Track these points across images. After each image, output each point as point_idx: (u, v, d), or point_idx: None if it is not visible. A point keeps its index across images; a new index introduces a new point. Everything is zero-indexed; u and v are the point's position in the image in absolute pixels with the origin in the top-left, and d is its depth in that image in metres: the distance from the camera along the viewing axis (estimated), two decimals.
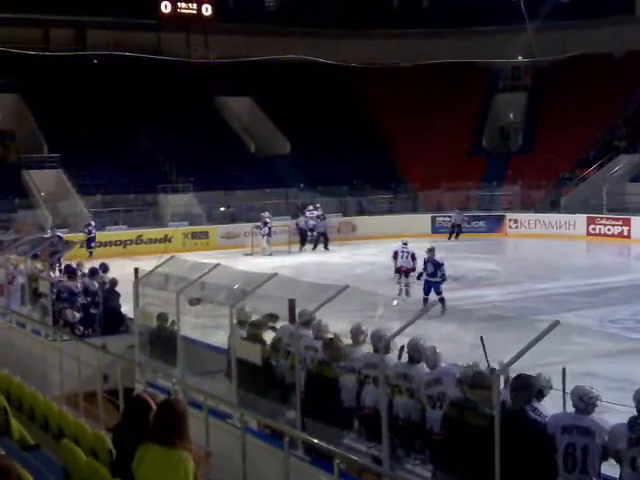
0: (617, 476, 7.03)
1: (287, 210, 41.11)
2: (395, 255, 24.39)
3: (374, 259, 30.85)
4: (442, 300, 19.58)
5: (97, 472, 6.59)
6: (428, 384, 8.35)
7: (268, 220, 35.74)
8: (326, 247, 36.48)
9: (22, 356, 14.28)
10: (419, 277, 21.89)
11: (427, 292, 20.92)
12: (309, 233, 37.94)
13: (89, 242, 34.00)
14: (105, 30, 47.22)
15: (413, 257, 23.79)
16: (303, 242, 37.52)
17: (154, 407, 6.45)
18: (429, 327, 9.09)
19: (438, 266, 21.22)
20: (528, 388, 7.25)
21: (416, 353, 8.65)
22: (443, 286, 21.23)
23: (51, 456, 7.92)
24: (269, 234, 35.53)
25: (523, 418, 7.14)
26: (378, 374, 8.62)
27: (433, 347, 8.63)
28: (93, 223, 35.19)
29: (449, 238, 38.71)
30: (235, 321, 10.44)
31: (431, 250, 21.82)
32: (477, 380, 7.62)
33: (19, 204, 37.61)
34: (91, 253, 33.11)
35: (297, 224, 38.16)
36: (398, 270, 24.14)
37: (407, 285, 23.63)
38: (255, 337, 10.58)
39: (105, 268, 16.70)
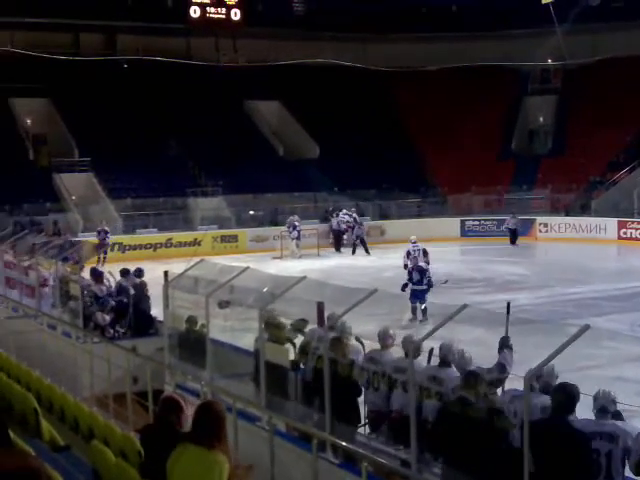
0: None
1: (316, 214, 41.21)
2: (407, 254, 24.61)
3: (403, 263, 30.75)
4: (425, 310, 19.36)
5: (126, 473, 6.62)
6: (455, 389, 8.31)
7: (297, 223, 35.88)
8: (367, 251, 35.71)
9: (53, 358, 14.38)
10: (404, 288, 20.31)
11: (414, 300, 20.05)
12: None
13: (101, 248, 32.91)
14: (135, 35, 47.57)
15: (425, 253, 24.36)
16: (338, 244, 37.59)
17: (185, 408, 6.48)
18: (458, 331, 9.04)
19: (423, 272, 20.45)
20: (570, 397, 7.08)
21: (449, 356, 8.62)
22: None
23: (81, 457, 7.97)
24: (298, 237, 35.68)
25: (566, 428, 6.95)
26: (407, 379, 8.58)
27: (461, 350, 8.59)
28: (107, 229, 34.37)
29: (511, 242, 38.07)
30: (263, 324, 10.45)
31: (415, 258, 21.53)
32: (468, 379, 7.81)
33: (50, 207, 37.95)
34: (102, 259, 31.46)
35: (331, 226, 38.32)
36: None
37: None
38: (282, 340, 10.59)
39: (140, 273, 16.77)
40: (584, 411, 7.25)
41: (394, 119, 49.37)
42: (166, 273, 12.92)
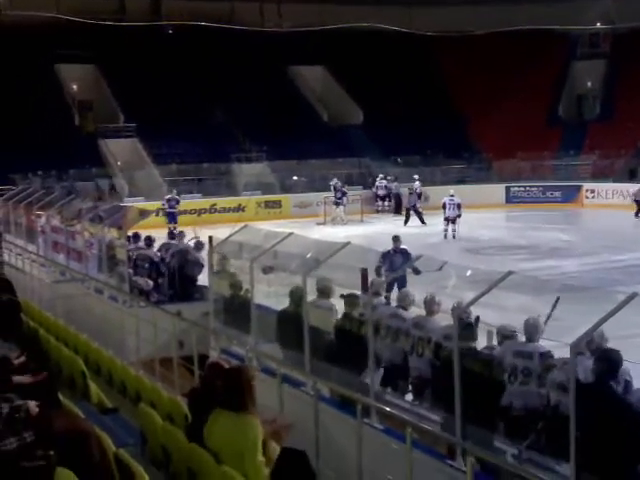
0: None
1: (360, 179, 41.18)
2: (444, 206, 30.06)
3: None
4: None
5: (173, 436, 6.71)
6: (518, 354, 8.20)
7: (345, 190, 36.00)
8: (422, 221, 34.17)
9: (100, 321, 14.56)
10: (378, 271, 13.05)
11: (390, 289, 13.44)
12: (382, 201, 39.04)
13: (169, 216, 32.07)
14: (180, 0, 47.50)
15: (459, 206, 29.78)
16: (399, 207, 37.79)
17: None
18: (503, 297, 8.98)
19: (406, 256, 16.95)
20: (611, 362, 7.11)
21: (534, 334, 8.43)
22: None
23: (129, 419, 8.07)
24: (345, 204, 35.77)
25: (607, 393, 6.99)
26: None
27: (536, 319, 8.39)
28: (178, 197, 33.49)
29: (636, 214, 35.64)
30: (313, 290, 10.40)
31: (397, 239, 18.24)
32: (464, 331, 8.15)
33: (96, 173, 38.31)
34: (173, 227, 29.73)
35: (390, 190, 39.08)
36: (446, 219, 29.95)
37: (454, 231, 29.69)
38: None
39: (150, 241, 16.86)
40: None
41: (439, 84, 48.94)
42: (211, 238, 12.99)
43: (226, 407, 6.00)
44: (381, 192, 39.44)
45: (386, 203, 39.36)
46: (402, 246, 17.93)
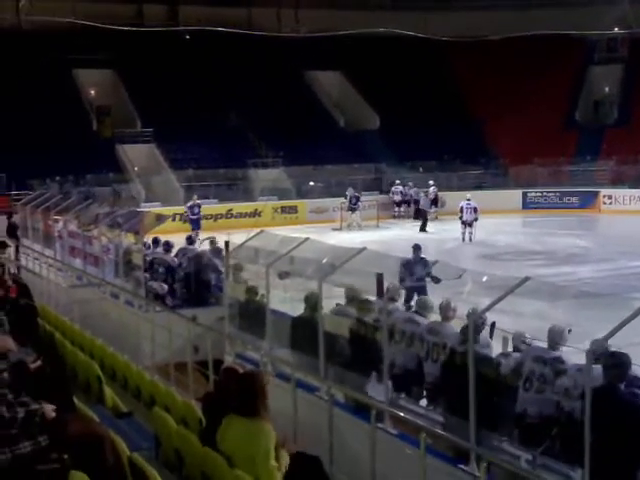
0: None
1: (376, 185, 41.19)
2: (461, 210, 30.82)
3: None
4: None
5: (187, 440, 6.74)
6: (537, 359, 8.17)
7: (358, 194, 36.07)
8: (424, 227, 34.70)
9: (115, 326, 14.61)
10: (402, 281, 12.76)
11: (410, 298, 12.96)
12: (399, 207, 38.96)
13: (194, 224, 32.12)
14: (197, 6, 47.69)
15: (475, 210, 30.57)
16: (418, 213, 37.35)
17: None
18: (518, 303, 8.96)
19: (426, 265, 15.97)
20: (620, 365, 7.09)
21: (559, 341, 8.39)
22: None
23: (143, 423, 8.11)
24: (360, 208, 35.95)
25: (616, 396, 6.98)
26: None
27: (561, 327, 8.35)
28: (199, 202, 33.65)
29: None
30: (331, 295, 10.41)
31: (417, 248, 18.00)
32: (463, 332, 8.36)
33: (113, 178, 38.39)
34: (196, 233, 27.46)
35: (410, 196, 38.99)
36: (464, 222, 30.67)
37: (471, 233, 30.50)
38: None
39: (169, 247, 16.88)
40: None
41: (456, 89, 48.85)
42: (227, 243, 13.00)
43: (239, 413, 6.02)
44: (397, 198, 39.44)
45: (402, 209, 39.37)
46: (422, 255, 17.75)
